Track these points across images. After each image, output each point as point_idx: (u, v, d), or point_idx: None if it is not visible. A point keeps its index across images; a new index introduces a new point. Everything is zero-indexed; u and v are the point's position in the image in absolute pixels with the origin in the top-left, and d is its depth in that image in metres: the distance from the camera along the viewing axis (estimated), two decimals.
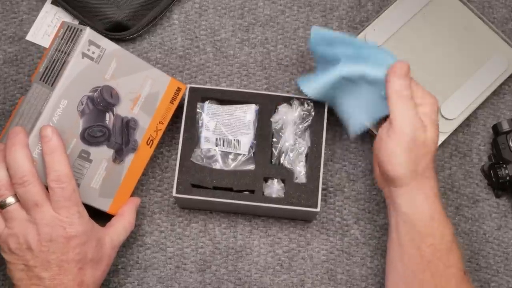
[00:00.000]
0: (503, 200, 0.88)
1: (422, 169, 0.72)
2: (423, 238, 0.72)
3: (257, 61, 0.92)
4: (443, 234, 0.73)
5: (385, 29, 0.90)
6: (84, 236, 0.71)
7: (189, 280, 0.85)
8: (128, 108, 0.77)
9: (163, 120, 0.81)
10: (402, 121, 0.71)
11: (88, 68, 0.73)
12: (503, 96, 0.92)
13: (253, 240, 0.86)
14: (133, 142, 0.78)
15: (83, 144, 0.75)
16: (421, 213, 0.72)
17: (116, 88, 0.76)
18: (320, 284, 0.85)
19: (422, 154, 0.72)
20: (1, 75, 0.91)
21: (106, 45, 0.75)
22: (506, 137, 0.85)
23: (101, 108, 0.75)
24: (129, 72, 0.77)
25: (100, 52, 0.74)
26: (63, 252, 0.70)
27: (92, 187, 0.77)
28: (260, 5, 0.94)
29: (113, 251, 0.77)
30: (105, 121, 0.76)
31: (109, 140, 0.76)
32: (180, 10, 0.94)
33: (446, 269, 0.72)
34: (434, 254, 0.72)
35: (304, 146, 0.82)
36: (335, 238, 0.86)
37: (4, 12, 0.93)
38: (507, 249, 0.87)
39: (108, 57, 0.75)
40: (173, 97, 0.81)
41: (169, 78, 0.80)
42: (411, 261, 0.73)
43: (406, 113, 0.71)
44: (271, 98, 0.84)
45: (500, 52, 0.90)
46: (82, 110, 0.74)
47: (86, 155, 0.76)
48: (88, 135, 0.75)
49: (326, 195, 0.87)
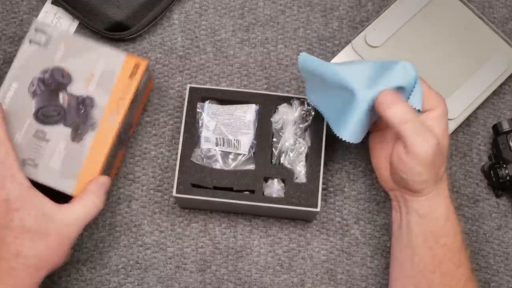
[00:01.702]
0: (503, 200, 0.88)
1: (441, 174, 0.73)
2: (437, 239, 0.72)
3: (257, 61, 0.92)
4: (456, 233, 0.73)
5: (385, 29, 0.90)
6: (18, 202, 0.69)
7: (189, 280, 0.85)
8: (82, 87, 0.79)
9: (124, 95, 0.80)
10: (422, 146, 0.69)
11: (37, 52, 0.79)
12: (503, 96, 0.92)
13: (253, 240, 0.86)
14: (92, 120, 0.79)
15: (38, 124, 0.78)
16: (438, 216, 0.72)
17: (67, 68, 0.79)
18: (320, 284, 0.85)
19: (441, 162, 0.72)
20: (1, 75, 0.91)
21: (53, 31, 0.80)
22: (506, 137, 0.85)
23: (54, 88, 0.79)
24: (79, 53, 0.80)
25: (48, 37, 0.80)
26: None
27: (52, 167, 0.77)
28: (260, 5, 0.94)
29: (69, 229, 0.72)
30: (59, 100, 0.79)
31: (65, 119, 0.78)
32: (180, 10, 0.94)
33: (456, 269, 0.72)
34: (445, 254, 0.72)
35: (304, 146, 0.82)
36: (335, 238, 0.86)
37: (4, 12, 0.93)
38: (507, 249, 0.87)
39: (55, 41, 0.80)
40: (132, 73, 0.80)
41: (125, 54, 0.81)
42: (422, 261, 0.73)
43: (422, 137, 0.69)
44: (271, 98, 0.84)
45: (500, 52, 0.90)
46: (33, 91, 0.78)
47: (42, 135, 0.78)
48: (42, 114, 0.78)
49: (326, 195, 0.87)
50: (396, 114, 0.68)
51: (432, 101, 0.72)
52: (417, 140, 0.69)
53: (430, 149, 0.69)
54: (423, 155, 0.69)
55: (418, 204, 0.73)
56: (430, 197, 0.73)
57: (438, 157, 0.70)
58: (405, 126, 0.69)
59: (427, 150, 0.69)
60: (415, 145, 0.69)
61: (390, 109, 0.69)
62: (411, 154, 0.69)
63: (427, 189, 0.72)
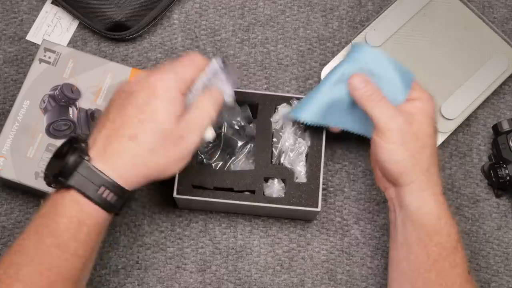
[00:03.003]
0: (503, 200, 0.88)
1: (426, 165, 0.73)
2: (430, 237, 0.72)
3: (257, 61, 0.92)
4: (450, 233, 0.73)
5: (385, 29, 0.90)
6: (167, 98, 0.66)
7: (189, 280, 0.85)
8: (91, 101, 0.83)
9: None
10: (384, 119, 0.72)
11: (46, 70, 0.83)
12: (503, 96, 0.92)
13: (253, 240, 0.86)
14: None
15: (49, 138, 0.81)
16: (429, 212, 0.72)
17: (76, 84, 0.83)
18: (320, 284, 0.85)
19: (418, 147, 0.72)
20: (1, 75, 0.91)
21: (61, 50, 0.84)
22: (506, 137, 0.85)
23: (63, 104, 0.82)
24: (86, 69, 0.84)
25: (56, 56, 0.84)
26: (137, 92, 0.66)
27: None
28: (260, 5, 0.94)
29: (186, 134, 0.67)
30: (69, 115, 0.82)
31: (75, 132, 0.82)
32: (180, 10, 0.94)
33: (451, 269, 0.72)
34: (440, 253, 0.72)
35: (304, 146, 0.82)
36: (335, 238, 0.86)
37: (4, 12, 0.93)
38: (507, 249, 0.87)
39: (64, 59, 0.84)
40: None
41: (130, 68, 0.84)
42: (418, 259, 0.73)
43: (385, 111, 0.72)
44: (271, 98, 0.84)
45: (500, 52, 0.90)
46: (44, 107, 0.82)
47: (53, 148, 0.81)
48: (53, 129, 0.82)
49: (326, 195, 0.87)
50: (365, 94, 0.73)
51: (415, 93, 0.75)
52: (382, 117, 0.72)
53: (396, 125, 0.71)
54: (389, 132, 0.71)
55: (407, 197, 0.73)
56: (417, 188, 0.72)
57: (412, 140, 0.72)
58: (371, 104, 0.72)
59: (392, 127, 0.71)
60: (381, 122, 0.72)
61: (359, 90, 0.73)
62: (379, 133, 0.72)
63: (408, 174, 0.72)
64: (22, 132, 0.81)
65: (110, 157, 0.65)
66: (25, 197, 0.87)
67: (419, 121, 0.73)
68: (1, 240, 0.86)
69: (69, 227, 0.63)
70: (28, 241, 0.64)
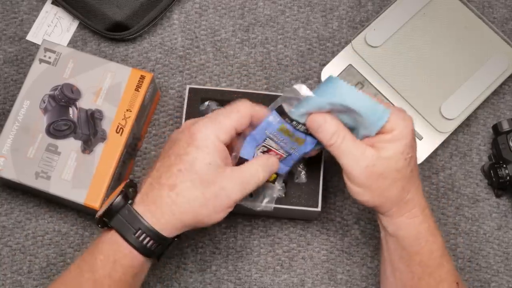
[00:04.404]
0: (503, 200, 0.88)
1: (397, 199, 0.69)
2: (411, 257, 0.71)
3: (257, 61, 0.92)
4: (432, 250, 0.71)
5: (385, 29, 0.90)
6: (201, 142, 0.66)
7: (189, 280, 0.85)
8: (91, 101, 0.83)
9: (130, 108, 0.83)
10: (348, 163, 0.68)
11: (46, 71, 0.83)
12: (503, 96, 0.92)
13: (253, 240, 0.86)
14: (101, 131, 0.82)
15: (50, 138, 0.81)
16: (407, 236, 0.71)
17: (76, 84, 0.83)
18: (320, 284, 0.85)
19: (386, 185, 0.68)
20: (1, 75, 0.91)
21: (61, 50, 0.84)
22: (506, 137, 0.85)
23: (63, 104, 0.82)
24: (87, 69, 0.84)
25: (56, 56, 0.84)
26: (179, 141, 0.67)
27: (64, 179, 0.80)
28: (260, 5, 0.94)
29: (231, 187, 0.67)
30: (69, 115, 0.82)
31: (75, 132, 0.82)
32: (180, 10, 0.94)
33: (437, 285, 0.71)
34: (424, 271, 0.71)
35: None
36: (335, 238, 0.86)
37: (4, 12, 0.93)
38: (507, 249, 0.87)
39: (64, 59, 0.84)
40: (137, 85, 0.83)
41: (130, 68, 0.84)
42: (403, 276, 0.72)
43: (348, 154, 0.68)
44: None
45: (500, 52, 0.90)
46: (44, 107, 0.82)
47: (53, 148, 0.81)
48: (53, 129, 0.81)
49: (326, 195, 0.87)
50: (325, 136, 0.68)
51: (388, 125, 0.67)
52: (345, 160, 0.68)
53: (359, 170, 0.67)
54: (353, 175, 0.68)
55: (385, 221, 0.71)
56: (391, 216, 0.70)
57: (376, 179, 0.68)
58: (334, 146, 0.68)
59: (356, 172, 0.67)
60: (345, 166, 0.68)
61: (319, 132, 0.68)
62: (345, 173, 0.69)
63: (379, 208, 0.70)
64: (22, 132, 0.81)
65: (151, 204, 0.66)
66: (25, 197, 0.87)
67: (386, 158, 0.68)
68: (1, 240, 0.86)
69: (105, 265, 0.65)
70: (70, 274, 0.67)
